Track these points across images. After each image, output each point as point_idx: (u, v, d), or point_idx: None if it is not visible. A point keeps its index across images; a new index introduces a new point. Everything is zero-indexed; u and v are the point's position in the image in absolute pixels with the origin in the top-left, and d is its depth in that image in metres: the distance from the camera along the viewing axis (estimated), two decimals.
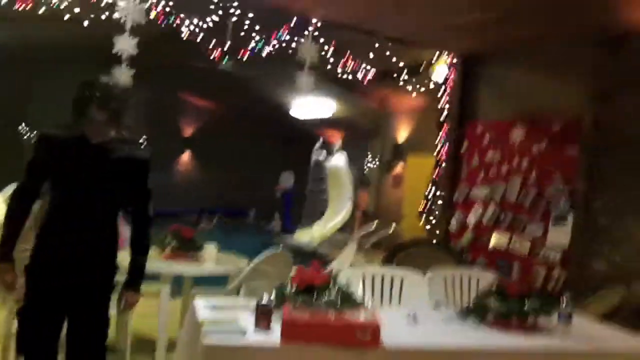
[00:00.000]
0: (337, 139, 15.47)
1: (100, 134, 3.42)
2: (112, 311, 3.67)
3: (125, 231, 4.64)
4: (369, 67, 9.67)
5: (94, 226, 3.45)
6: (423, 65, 9.49)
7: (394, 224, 10.44)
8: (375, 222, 10.81)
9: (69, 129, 3.46)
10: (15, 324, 3.58)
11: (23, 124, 14.43)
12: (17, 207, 3.48)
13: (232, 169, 18.66)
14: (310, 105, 12.67)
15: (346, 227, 12.54)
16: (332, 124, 15.28)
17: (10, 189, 9.71)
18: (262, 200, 18.66)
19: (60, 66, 11.38)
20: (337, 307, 3.06)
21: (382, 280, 4.38)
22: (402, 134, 11.66)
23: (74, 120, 3.43)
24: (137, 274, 3.63)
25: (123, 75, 6.76)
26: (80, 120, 3.40)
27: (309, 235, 12.86)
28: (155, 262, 5.33)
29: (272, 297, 3.16)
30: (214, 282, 5.74)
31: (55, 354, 3.50)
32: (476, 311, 3.64)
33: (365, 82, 9.79)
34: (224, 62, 8.80)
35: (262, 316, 3.00)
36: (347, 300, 3.15)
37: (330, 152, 15.00)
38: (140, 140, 3.64)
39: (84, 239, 3.41)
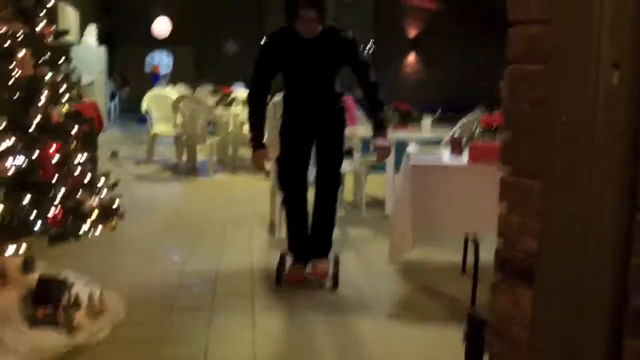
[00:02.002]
0: None
1: (311, 30, 4.00)
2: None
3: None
4: None
5: (321, 90, 4.24)
6: None
7: None
8: None
9: (285, 30, 4.09)
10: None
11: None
12: (254, 104, 4.30)
13: (456, 67, 19.21)
14: None
15: None
16: None
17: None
18: (490, 96, 19.10)
19: None
20: None
21: None
22: None
23: (287, 21, 4.02)
24: (380, 124, 4.20)
25: None
26: (291, 20, 3.98)
27: None
28: None
29: (466, 135, 4.14)
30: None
31: (306, 185, 4.45)
32: None
33: None
34: None
35: (455, 145, 4.01)
36: None
37: None
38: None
39: (316, 99, 4.25)
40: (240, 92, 10.46)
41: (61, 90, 3.56)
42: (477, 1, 16.35)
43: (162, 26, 17.79)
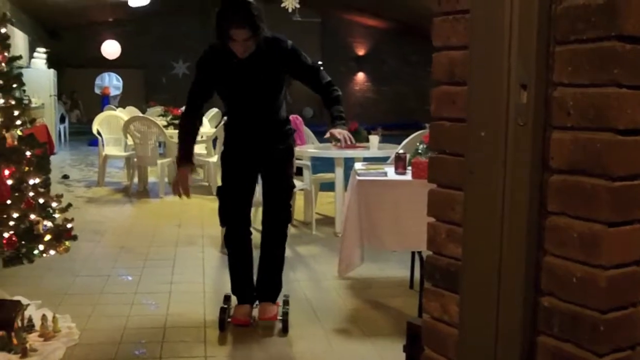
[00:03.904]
0: None
1: (246, 49, 3.65)
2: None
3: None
4: None
5: (265, 114, 3.91)
6: None
7: None
8: None
9: (219, 50, 3.73)
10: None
11: None
12: (184, 127, 4.01)
13: (405, 86, 19.52)
14: None
15: None
16: None
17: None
18: None
19: None
20: None
21: None
22: None
23: (220, 41, 3.67)
24: (339, 116, 3.99)
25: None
26: (225, 40, 3.62)
27: None
28: (329, 151, 6.64)
29: (410, 152, 4.30)
30: None
31: (249, 221, 4.12)
32: None
33: None
34: None
35: (399, 162, 4.16)
36: None
37: None
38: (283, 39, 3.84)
39: (261, 125, 3.92)
40: None
41: (15, 114, 3.61)
42: (423, 21, 16.72)
43: (111, 48, 17.77)
